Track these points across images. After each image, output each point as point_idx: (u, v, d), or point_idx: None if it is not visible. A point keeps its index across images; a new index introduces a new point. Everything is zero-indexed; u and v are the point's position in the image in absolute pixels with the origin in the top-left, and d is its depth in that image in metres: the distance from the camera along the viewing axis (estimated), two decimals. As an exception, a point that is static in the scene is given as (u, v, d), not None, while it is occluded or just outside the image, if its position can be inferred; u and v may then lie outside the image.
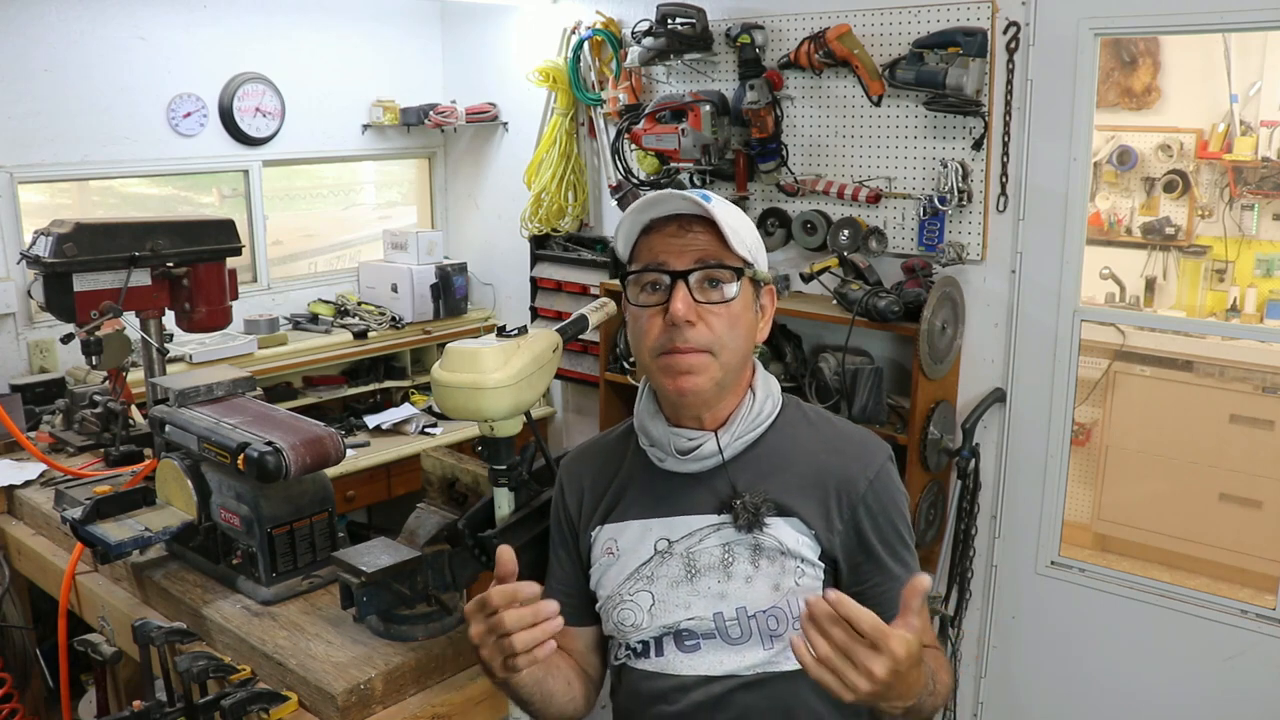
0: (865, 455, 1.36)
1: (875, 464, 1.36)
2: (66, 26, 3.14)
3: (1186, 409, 3.77)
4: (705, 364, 1.29)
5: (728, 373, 1.32)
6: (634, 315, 1.34)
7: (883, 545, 1.34)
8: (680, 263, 1.29)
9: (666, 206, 1.32)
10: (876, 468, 1.35)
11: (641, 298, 1.32)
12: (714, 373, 1.30)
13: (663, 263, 1.30)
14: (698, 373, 1.29)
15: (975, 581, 2.99)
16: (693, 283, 1.29)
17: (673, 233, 1.31)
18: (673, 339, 1.28)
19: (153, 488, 2.04)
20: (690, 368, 1.29)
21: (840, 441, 1.39)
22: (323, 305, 3.84)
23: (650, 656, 1.37)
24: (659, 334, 1.30)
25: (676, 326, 1.27)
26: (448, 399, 1.48)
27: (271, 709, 1.57)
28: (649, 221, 1.34)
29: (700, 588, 1.33)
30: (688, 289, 1.28)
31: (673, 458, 1.37)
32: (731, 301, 1.30)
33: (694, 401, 1.33)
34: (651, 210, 1.33)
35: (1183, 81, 3.88)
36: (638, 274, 1.32)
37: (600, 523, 1.43)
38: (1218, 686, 2.66)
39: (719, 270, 1.30)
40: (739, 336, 1.32)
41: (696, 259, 1.29)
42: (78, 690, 2.66)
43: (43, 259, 2.16)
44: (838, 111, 3.04)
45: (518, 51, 3.87)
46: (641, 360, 1.35)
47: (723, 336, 1.30)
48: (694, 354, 1.29)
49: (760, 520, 1.31)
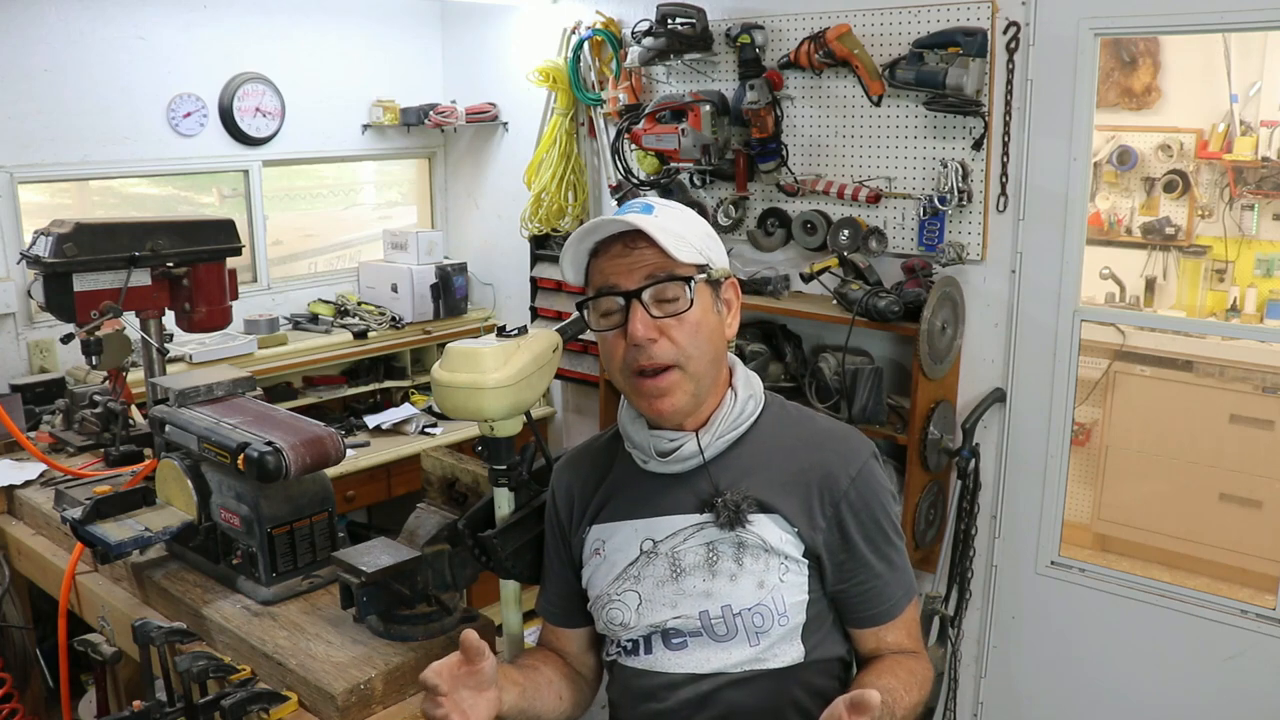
0: (847, 452, 1.37)
1: (858, 461, 1.36)
2: (66, 26, 3.14)
3: (1186, 409, 3.77)
4: (676, 381, 1.31)
5: (700, 382, 1.33)
6: (600, 339, 1.36)
7: (866, 542, 1.34)
8: (630, 282, 1.30)
9: (603, 230, 1.33)
10: (859, 465, 1.35)
11: (601, 322, 1.34)
12: (686, 387, 1.32)
13: (614, 285, 1.31)
14: (671, 393, 1.31)
15: (975, 581, 2.99)
16: (647, 299, 1.30)
17: (619, 252, 1.32)
18: (637, 358, 1.30)
19: (153, 488, 2.04)
20: (661, 391, 1.31)
21: (822, 438, 1.39)
22: (323, 305, 3.84)
23: (640, 655, 1.38)
24: (624, 353, 1.31)
25: (639, 345, 1.29)
26: (447, 399, 1.48)
27: (271, 709, 1.57)
28: (594, 245, 1.35)
29: (686, 587, 1.34)
30: (643, 307, 1.29)
31: (655, 460, 1.38)
32: (689, 311, 1.31)
33: (675, 419, 1.35)
34: (592, 236, 1.34)
35: (1183, 81, 3.88)
36: (593, 300, 1.34)
37: (589, 524, 1.44)
38: (1218, 686, 2.66)
39: (669, 284, 1.30)
40: (703, 342, 1.33)
41: (646, 275, 1.30)
42: (78, 690, 2.66)
43: (43, 259, 2.16)
44: (838, 111, 3.04)
45: (518, 51, 3.87)
46: (616, 382, 1.38)
47: (687, 347, 1.31)
48: (663, 374, 1.30)
49: (742, 518, 1.31)
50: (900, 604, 1.39)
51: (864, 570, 1.35)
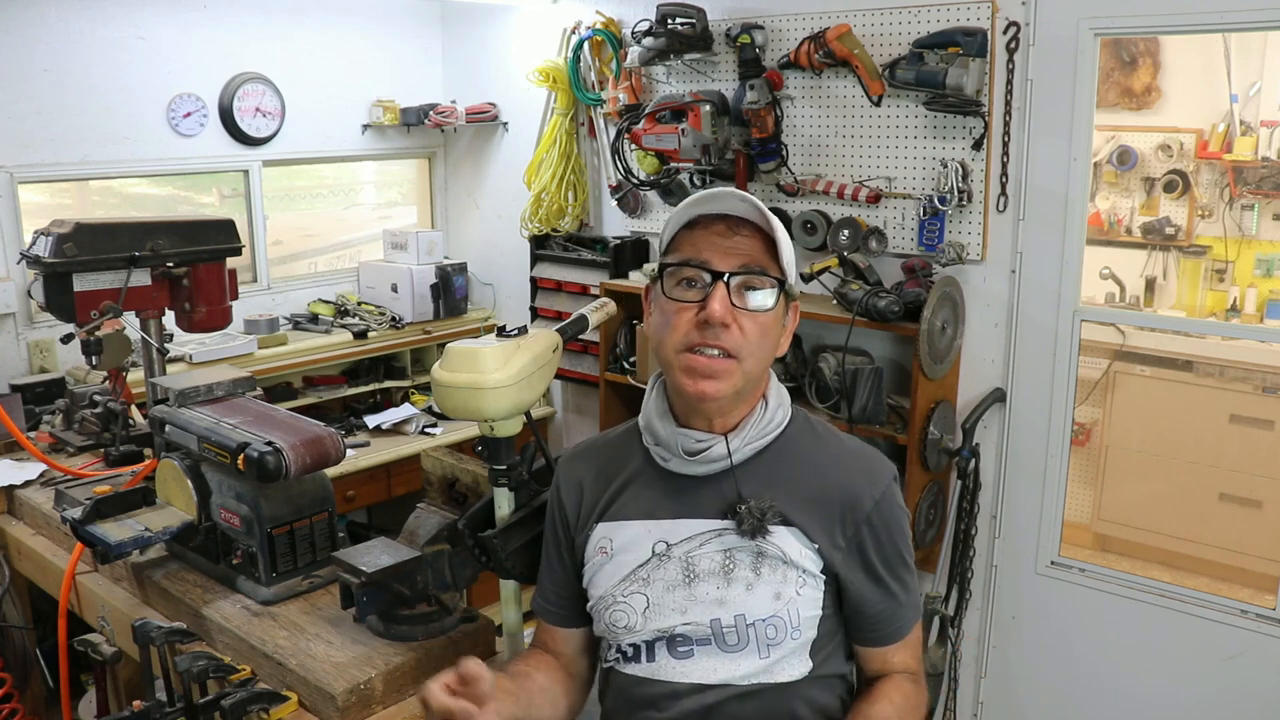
0: (872, 474, 1.36)
1: (881, 484, 1.35)
2: (66, 26, 3.14)
3: (1186, 409, 3.77)
4: (729, 369, 1.28)
5: (748, 381, 1.31)
6: (664, 308, 1.31)
7: (884, 565, 1.34)
8: (725, 264, 1.28)
9: (724, 204, 1.30)
10: (883, 488, 1.34)
11: (676, 291, 1.30)
12: (736, 380, 1.29)
13: (706, 260, 1.28)
14: (720, 378, 1.28)
15: (975, 581, 2.99)
16: (732, 286, 1.27)
17: (720, 232, 1.30)
18: (703, 337, 1.27)
19: (153, 488, 2.04)
20: (714, 372, 1.28)
21: (848, 459, 1.38)
22: (323, 305, 3.84)
23: (641, 661, 1.36)
24: (687, 330, 1.28)
25: (709, 326, 1.26)
26: (448, 399, 1.48)
27: (271, 709, 1.57)
28: (695, 216, 1.32)
29: (698, 593, 1.32)
30: (727, 291, 1.27)
31: (678, 458, 1.35)
32: (767, 311, 1.29)
33: (711, 406, 1.32)
34: (707, 205, 1.31)
35: (1183, 81, 3.88)
36: (677, 267, 1.30)
37: (597, 521, 1.41)
38: (1218, 686, 2.66)
39: (762, 278, 1.29)
40: (766, 346, 1.31)
41: (741, 263, 1.28)
42: (78, 690, 2.66)
43: (43, 259, 2.16)
44: (838, 111, 3.04)
45: (518, 51, 3.87)
46: (663, 355, 1.32)
47: (752, 343, 1.29)
48: (719, 358, 1.28)
49: (765, 527, 1.29)
50: (907, 625, 1.38)
51: (878, 592, 1.34)
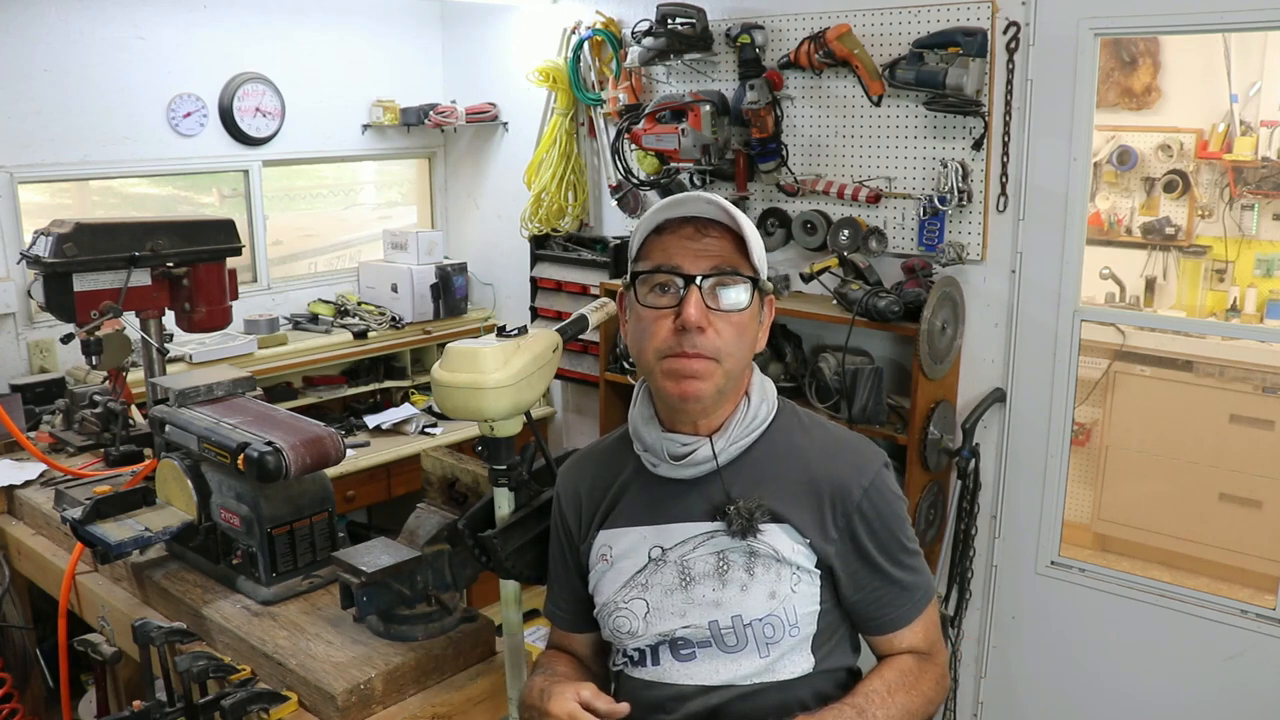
0: (860, 462, 1.35)
1: (870, 471, 1.34)
2: (66, 26, 3.14)
3: (1186, 409, 3.77)
4: (710, 370, 1.28)
5: (730, 380, 1.31)
6: (640, 316, 1.31)
7: (881, 553, 1.33)
8: (695, 267, 1.27)
9: (691, 208, 1.30)
10: (871, 475, 1.34)
11: (650, 298, 1.30)
12: (717, 380, 1.29)
13: (677, 265, 1.28)
14: (702, 378, 1.28)
15: (975, 581, 2.99)
16: (705, 288, 1.27)
17: (689, 235, 1.29)
18: (680, 343, 1.27)
19: (153, 488, 2.04)
20: (695, 373, 1.28)
21: (835, 448, 1.37)
22: (323, 305, 3.84)
23: (647, 665, 1.36)
24: (666, 337, 1.28)
25: (686, 331, 1.26)
26: (448, 399, 1.47)
27: (271, 709, 1.57)
28: (663, 221, 1.32)
29: (695, 596, 1.32)
30: (700, 294, 1.27)
31: (666, 463, 1.35)
32: (742, 311, 1.29)
33: (694, 407, 1.32)
34: (674, 209, 1.31)
35: (1183, 81, 3.88)
36: (649, 274, 1.30)
37: (597, 529, 1.42)
38: (1218, 686, 2.66)
39: (734, 278, 1.28)
40: (744, 345, 1.31)
41: (713, 265, 1.28)
42: (78, 690, 2.66)
43: (43, 259, 2.16)
44: (838, 111, 3.04)
45: (518, 51, 3.87)
46: (644, 362, 1.33)
47: (730, 344, 1.29)
48: (700, 359, 1.27)
49: (754, 526, 1.29)
50: (916, 609, 1.37)
51: (879, 579, 1.34)
